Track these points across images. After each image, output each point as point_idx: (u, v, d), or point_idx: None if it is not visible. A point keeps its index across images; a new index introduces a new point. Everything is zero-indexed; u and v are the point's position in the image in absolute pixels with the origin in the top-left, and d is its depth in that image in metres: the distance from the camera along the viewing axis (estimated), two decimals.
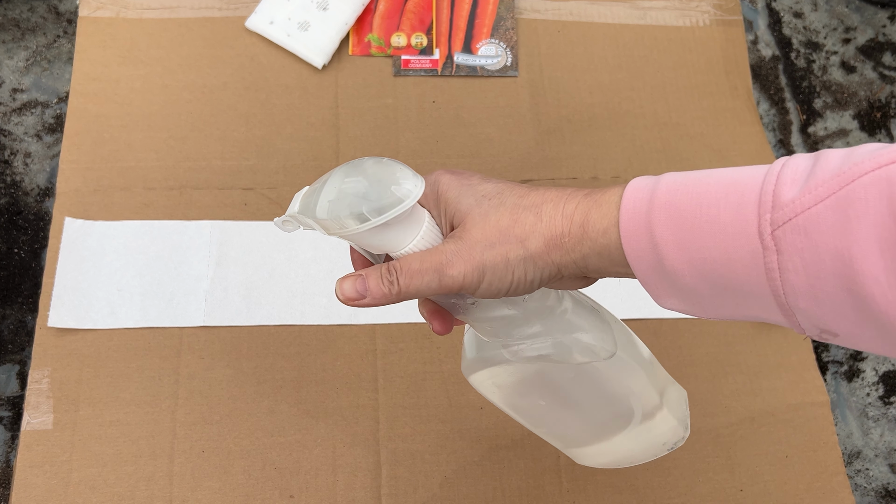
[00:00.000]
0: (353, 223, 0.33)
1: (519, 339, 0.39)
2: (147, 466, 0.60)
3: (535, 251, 0.33)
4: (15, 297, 0.68)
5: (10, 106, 0.74)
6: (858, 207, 0.25)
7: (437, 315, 0.39)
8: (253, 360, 0.64)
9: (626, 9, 0.83)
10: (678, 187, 0.31)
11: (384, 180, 0.34)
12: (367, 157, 0.35)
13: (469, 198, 0.35)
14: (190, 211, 0.69)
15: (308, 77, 0.76)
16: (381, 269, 0.35)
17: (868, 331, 0.27)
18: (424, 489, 0.62)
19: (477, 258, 0.34)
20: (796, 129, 0.84)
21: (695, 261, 0.30)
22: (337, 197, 0.34)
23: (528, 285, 0.35)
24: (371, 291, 0.35)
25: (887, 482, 0.71)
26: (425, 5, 0.80)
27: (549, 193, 0.34)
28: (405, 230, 0.35)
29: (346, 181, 0.34)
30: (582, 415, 0.44)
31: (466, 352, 0.43)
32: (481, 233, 0.34)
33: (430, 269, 0.34)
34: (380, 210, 0.33)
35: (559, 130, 0.77)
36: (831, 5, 0.90)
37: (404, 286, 0.34)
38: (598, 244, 0.33)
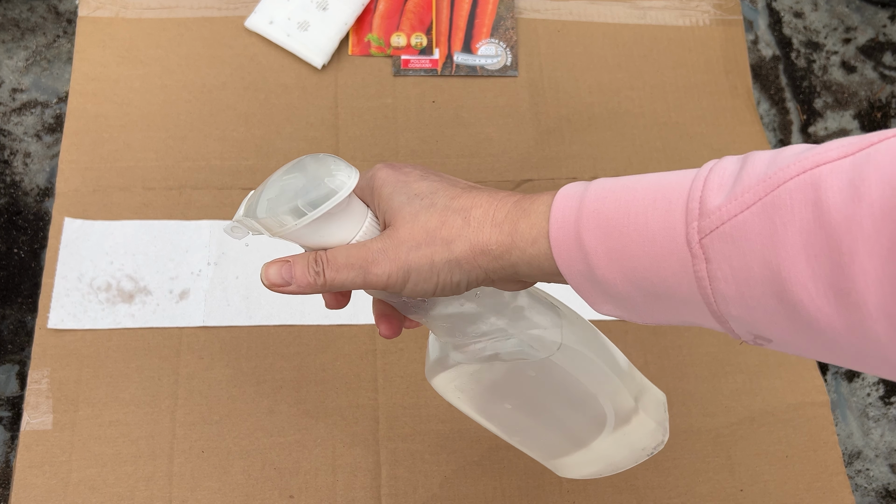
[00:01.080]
0: (291, 219, 0.33)
1: (473, 337, 0.38)
2: (146, 467, 0.60)
3: (460, 255, 0.33)
4: (14, 297, 0.68)
5: (10, 106, 0.74)
6: (784, 214, 0.25)
7: (384, 318, 0.39)
8: (252, 360, 0.64)
9: (626, 8, 0.83)
10: (606, 194, 0.30)
11: (318, 174, 0.33)
12: (307, 155, 0.35)
13: (402, 195, 0.34)
14: (189, 211, 0.69)
15: (307, 77, 0.76)
16: (308, 257, 0.35)
17: (800, 337, 0.26)
18: (424, 489, 0.62)
19: (402, 258, 0.33)
20: (797, 129, 0.84)
21: (625, 269, 0.29)
22: (276, 195, 0.34)
23: (455, 287, 0.34)
24: (297, 279, 0.35)
25: (888, 482, 0.71)
26: (425, 5, 0.80)
27: (480, 198, 0.34)
28: (345, 225, 0.35)
29: (285, 178, 0.34)
30: (553, 420, 0.43)
31: (429, 354, 0.42)
32: (409, 233, 0.33)
33: (355, 264, 0.34)
34: (314, 203, 0.33)
35: (559, 130, 0.77)
36: (832, 5, 0.90)
37: (329, 278, 0.34)
38: (526, 254, 0.32)
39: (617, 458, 0.43)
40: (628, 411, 0.41)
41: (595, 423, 0.41)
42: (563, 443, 0.44)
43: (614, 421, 0.41)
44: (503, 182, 0.73)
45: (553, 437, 0.44)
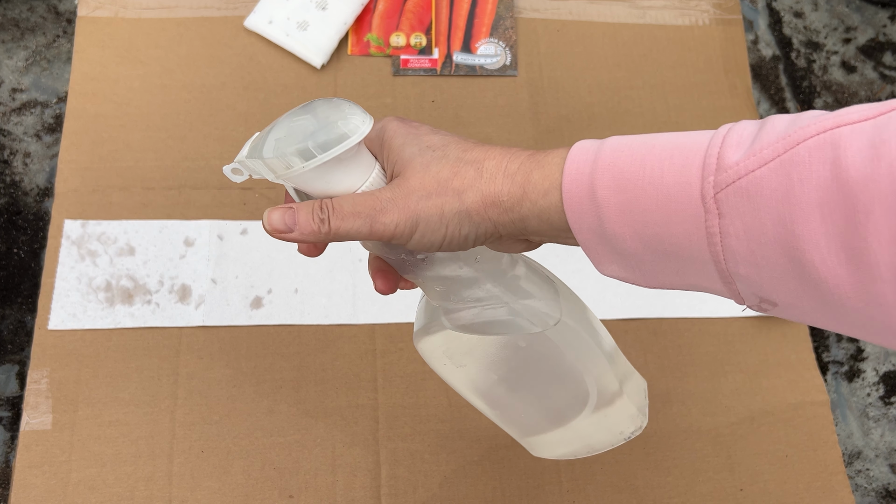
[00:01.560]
0: (299, 161, 0.32)
1: (468, 302, 0.38)
2: (146, 466, 0.60)
3: (471, 206, 0.33)
4: (14, 298, 0.67)
5: (10, 106, 0.74)
6: (802, 171, 0.25)
7: (381, 273, 0.38)
8: (252, 360, 0.64)
9: (626, 8, 0.83)
10: (622, 148, 0.30)
11: (331, 117, 0.33)
12: (318, 99, 0.34)
13: (413, 147, 0.34)
14: (189, 211, 0.69)
15: (307, 77, 0.76)
16: (314, 204, 0.34)
17: (808, 300, 0.26)
18: (424, 489, 0.62)
19: (411, 208, 0.33)
20: None
21: (636, 224, 0.29)
22: (284, 135, 0.33)
23: (462, 241, 0.34)
24: (300, 226, 0.34)
25: (888, 482, 0.71)
26: (424, 5, 0.80)
27: (493, 151, 0.34)
28: (352, 174, 0.34)
29: (295, 119, 0.33)
30: (537, 394, 0.42)
31: (417, 319, 0.42)
32: (419, 183, 0.33)
33: (362, 212, 0.33)
34: (325, 146, 0.32)
35: (558, 130, 0.76)
36: (832, 5, 0.90)
37: (334, 226, 0.33)
38: (537, 206, 0.32)
39: (593, 440, 0.43)
40: (612, 394, 0.41)
41: (577, 402, 0.41)
42: (543, 420, 0.43)
43: (596, 402, 0.40)
44: None
45: (533, 412, 0.43)
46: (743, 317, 0.70)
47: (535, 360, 0.40)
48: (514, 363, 0.40)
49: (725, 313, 0.70)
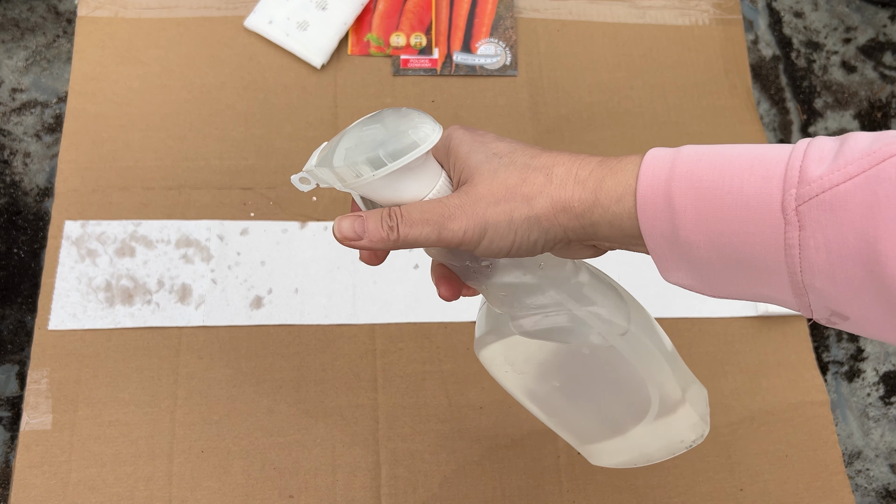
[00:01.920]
0: (369, 170, 0.33)
1: (532, 309, 0.38)
2: (146, 466, 0.60)
3: (541, 212, 0.33)
4: (14, 298, 0.68)
5: (10, 106, 0.74)
6: (888, 188, 0.25)
7: (445, 280, 0.39)
8: (252, 359, 0.64)
9: (626, 8, 0.83)
10: (700, 157, 0.31)
11: (401, 126, 0.33)
12: (387, 108, 0.35)
13: (479, 154, 0.34)
14: (189, 211, 0.69)
15: (307, 76, 0.76)
16: (383, 212, 0.34)
17: (882, 314, 0.27)
18: (424, 489, 0.62)
19: (480, 214, 0.33)
20: (797, 129, 0.84)
21: (712, 232, 0.30)
22: (354, 144, 0.33)
23: (531, 246, 0.34)
24: (369, 233, 0.34)
25: (888, 482, 0.71)
26: (424, 5, 0.80)
27: (561, 156, 0.34)
28: (420, 182, 0.34)
29: (365, 129, 0.34)
30: (598, 402, 0.42)
31: (478, 327, 0.42)
32: (487, 189, 0.33)
33: (431, 219, 0.33)
34: (395, 154, 0.32)
35: (558, 130, 0.76)
36: (832, 5, 0.90)
37: (403, 233, 0.34)
38: (610, 212, 0.32)
39: (652, 449, 0.42)
40: (675, 402, 0.41)
41: (638, 410, 0.41)
42: (602, 428, 0.43)
43: (658, 410, 0.40)
44: None
45: (592, 420, 0.43)
46: (743, 317, 0.70)
47: (597, 368, 0.40)
48: (577, 371, 0.40)
49: (725, 313, 0.70)
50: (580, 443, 0.45)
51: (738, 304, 0.70)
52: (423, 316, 0.67)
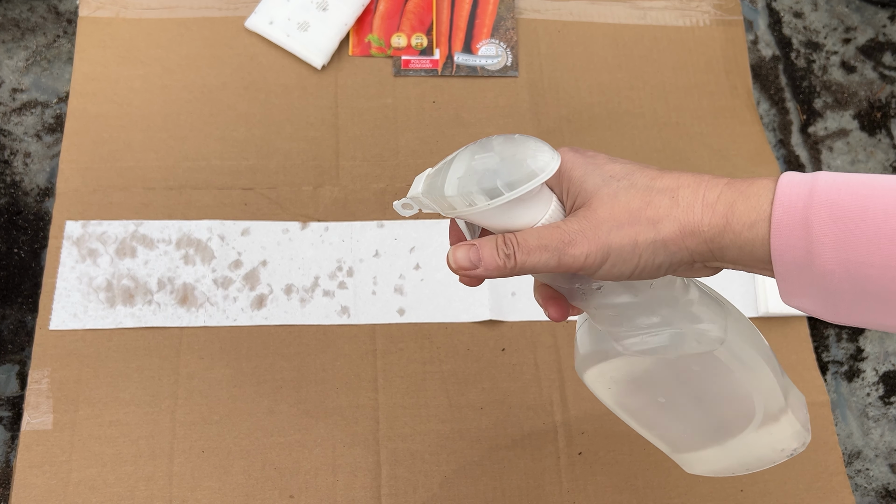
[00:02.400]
0: (483, 199, 0.33)
1: (640, 329, 0.37)
2: (147, 466, 0.60)
3: (667, 236, 0.32)
4: (15, 298, 0.68)
5: (10, 106, 0.74)
6: None
7: (553, 301, 0.38)
8: (252, 359, 0.64)
9: (626, 9, 0.83)
10: (841, 186, 0.30)
11: (518, 155, 0.33)
12: (496, 135, 0.35)
13: (596, 177, 0.34)
14: (189, 211, 0.69)
15: (308, 77, 0.76)
16: (497, 240, 0.34)
17: None
18: (424, 489, 0.62)
19: (602, 239, 0.33)
20: (796, 129, 0.84)
21: (850, 263, 0.29)
22: (466, 173, 0.33)
23: (655, 270, 0.34)
24: (485, 262, 0.34)
25: (887, 482, 0.71)
26: (425, 6, 0.80)
27: (683, 178, 0.33)
28: (533, 208, 0.34)
29: (476, 158, 0.33)
30: (701, 413, 0.41)
31: (580, 347, 0.41)
32: (608, 213, 0.33)
33: (549, 245, 0.33)
34: (512, 184, 0.32)
35: (559, 130, 0.77)
36: (831, 5, 0.90)
37: (520, 261, 0.33)
38: (741, 237, 0.31)
39: (752, 458, 0.42)
40: (778, 410, 0.40)
41: (741, 420, 0.40)
42: (702, 437, 0.42)
43: (761, 419, 0.40)
44: None
45: (694, 430, 0.43)
46: None
47: (705, 381, 0.39)
48: (682, 385, 0.40)
49: None
50: (675, 451, 0.44)
51: (738, 304, 0.70)
52: (424, 316, 0.67)
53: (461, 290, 0.68)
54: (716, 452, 0.42)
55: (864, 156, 0.83)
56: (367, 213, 0.71)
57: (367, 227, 0.70)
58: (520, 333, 0.68)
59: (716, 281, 0.73)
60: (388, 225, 0.70)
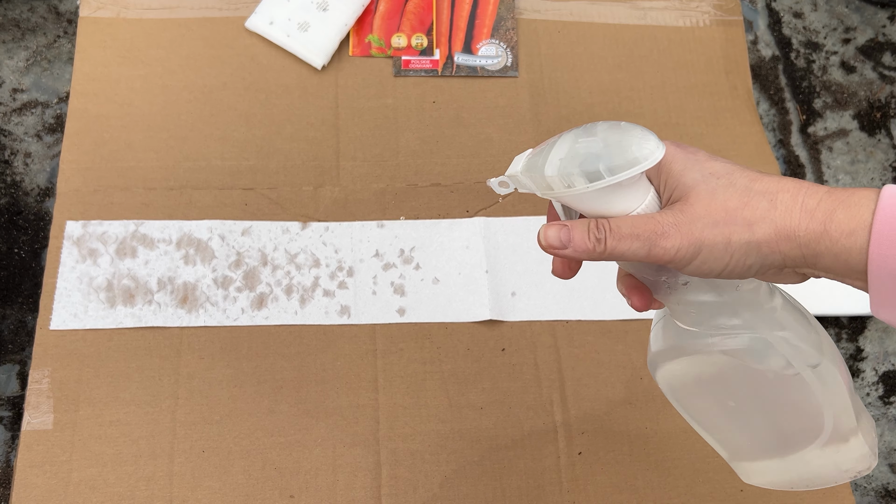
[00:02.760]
0: (583, 182, 0.33)
1: (721, 329, 0.37)
2: (147, 466, 0.60)
3: (762, 238, 0.32)
4: (15, 297, 0.68)
5: (11, 106, 0.74)
6: None
7: (637, 291, 0.38)
8: (253, 360, 0.65)
9: (627, 9, 0.83)
10: None
11: (623, 141, 0.33)
12: (601, 121, 0.35)
13: (695, 173, 0.34)
14: (190, 211, 0.69)
15: (308, 77, 0.76)
16: (590, 223, 0.34)
17: None
18: (424, 489, 0.62)
19: (696, 234, 0.33)
20: (796, 129, 0.84)
21: None
22: (568, 155, 0.33)
23: (744, 271, 0.34)
24: (574, 243, 0.34)
25: (887, 482, 0.71)
26: (425, 6, 0.80)
27: (784, 182, 0.33)
28: (630, 197, 0.34)
29: (580, 141, 0.34)
30: (767, 423, 0.41)
31: (655, 342, 0.41)
32: (705, 209, 0.33)
33: (642, 235, 0.33)
34: (614, 169, 0.32)
35: (559, 130, 0.77)
36: (831, 5, 0.90)
37: (611, 246, 0.33)
38: (838, 245, 0.32)
39: (813, 474, 0.41)
40: (848, 431, 0.39)
41: (808, 435, 0.40)
42: (765, 448, 0.42)
43: (828, 437, 0.39)
44: None
45: (757, 439, 0.42)
46: None
47: (781, 391, 0.39)
48: (754, 392, 0.39)
49: None
50: (734, 458, 0.44)
51: None
52: (424, 316, 0.67)
53: (461, 290, 0.68)
54: (776, 464, 0.42)
55: (864, 156, 0.83)
56: (367, 213, 0.71)
57: (367, 227, 0.70)
58: (520, 333, 0.68)
59: None
60: (389, 225, 0.70)
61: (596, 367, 0.67)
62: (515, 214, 0.72)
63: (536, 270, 0.70)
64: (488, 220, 0.71)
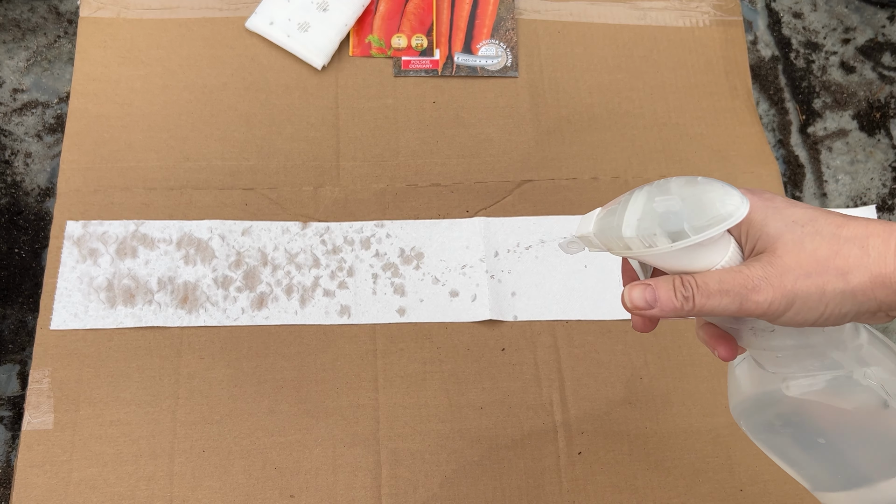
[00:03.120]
0: (665, 241, 0.33)
1: (808, 370, 0.37)
2: (147, 466, 0.60)
3: (857, 286, 0.32)
4: (15, 297, 0.68)
5: (11, 106, 0.74)
6: None
7: (722, 340, 0.38)
8: (253, 359, 0.65)
9: (626, 9, 0.83)
10: None
11: (704, 198, 0.33)
12: (674, 178, 0.35)
13: (777, 221, 0.34)
14: (190, 211, 0.69)
15: (308, 77, 0.76)
16: (675, 281, 0.34)
17: None
18: (424, 489, 0.62)
19: (788, 286, 0.32)
20: (795, 130, 0.84)
21: None
22: (646, 215, 0.33)
23: (839, 318, 0.33)
24: (661, 303, 0.34)
25: None
26: (425, 6, 0.80)
27: (872, 226, 0.33)
28: (712, 251, 0.34)
29: (657, 200, 0.34)
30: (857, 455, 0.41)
31: (737, 387, 0.41)
32: (794, 261, 0.32)
33: (731, 290, 0.33)
34: (698, 228, 0.32)
35: (559, 131, 0.77)
36: (831, 5, 0.90)
37: (699, 304, 0.33)
38: None
39: None
40: None
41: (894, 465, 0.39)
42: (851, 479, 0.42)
43: None
44: (503, 182, 0.73)
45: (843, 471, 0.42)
46: None
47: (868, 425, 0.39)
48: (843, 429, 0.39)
49: None
50: (818, 489, 0.44)
51: None
52: (424, 316, 0.67)
53: (461, 290, 0.68)
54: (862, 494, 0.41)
55: (864, 156, 0.83)
56: (367, 213, 0.71)
57: (367, 227, 0.70)
58: (520, 333, 0.68)
59: None
60: (388, 225, 0.71)
61: (596, 367, 0.67)
62: (515, 214, 0.72)
63: (536, 270, 0.70)
64: (488, 220, 0.71)
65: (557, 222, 0.72)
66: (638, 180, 0.75)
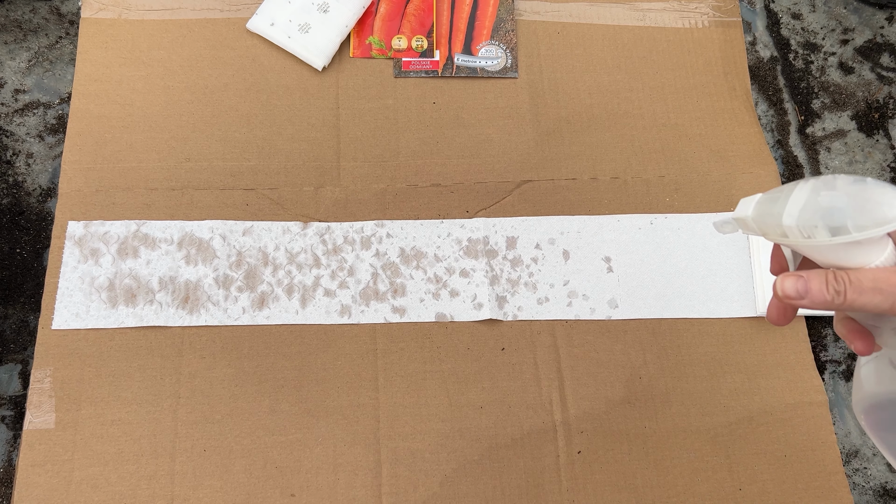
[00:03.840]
0: (825, 234, 0.34)
1: None
2: (148, 465, 0.60)
3: None
4: (17, 297, 0.68)
5: (13, 107, 0.74)
6: None
7: (860, 335, 0.39)
8: (254, 359, 0.65)
9: (626, 10, 0.83)
10: None
11: (872, 199, 0.34)
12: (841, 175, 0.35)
13: None
14: (191, 211, 0.69)
15: (309, 78, 0.76)
16: (828, 275, 0.35)
17: None
18: (425, 488, 0.62)
19: None
20: (794, 130, 0.84)
21: None
22: (809, 207, 0.34)
23: None
24: (811, 294, 0.35)
25: (885, 481, 0.71)
26: (426, 8, 0.80)
27: None
28: (869, 251, 0.35)
29: (822, 194, 0.34)
30: None
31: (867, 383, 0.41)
32: None
33: (885, 289, 0.34)
34: (861, 226, 0.33)
35: (558, 131, 0.77)
36: (829, 6, 0.90)
37: (850, 299, 0.34)
38: None
39: None
40: None
41: None
42: None
43: None
44: (503, 182, 0.74)
45: None
46: (742, 318, 0.71)
47: None
48: None
49: (724, 314, 0.71)
50: None
51: (737, 304, 0.71)
52: (424, 316, 0.68)
53: (461, 290, 0.69)
54: None
55: (862, 156, 0.83)
56: (367, 213, 0.71)
57: (367, 227, 0.70)
58: (520, 333, 0.68)
59: (714, 280, 0.73)
60: (389, 225, 0.71)
61: (595, 367, 0.67)
62: (515, 214, 0.72)
63: (537, 270, 0.70)
64: (488, 221, 0.71)
65: (557, 222, 0.72)
66: (637, 181, 0.75)
